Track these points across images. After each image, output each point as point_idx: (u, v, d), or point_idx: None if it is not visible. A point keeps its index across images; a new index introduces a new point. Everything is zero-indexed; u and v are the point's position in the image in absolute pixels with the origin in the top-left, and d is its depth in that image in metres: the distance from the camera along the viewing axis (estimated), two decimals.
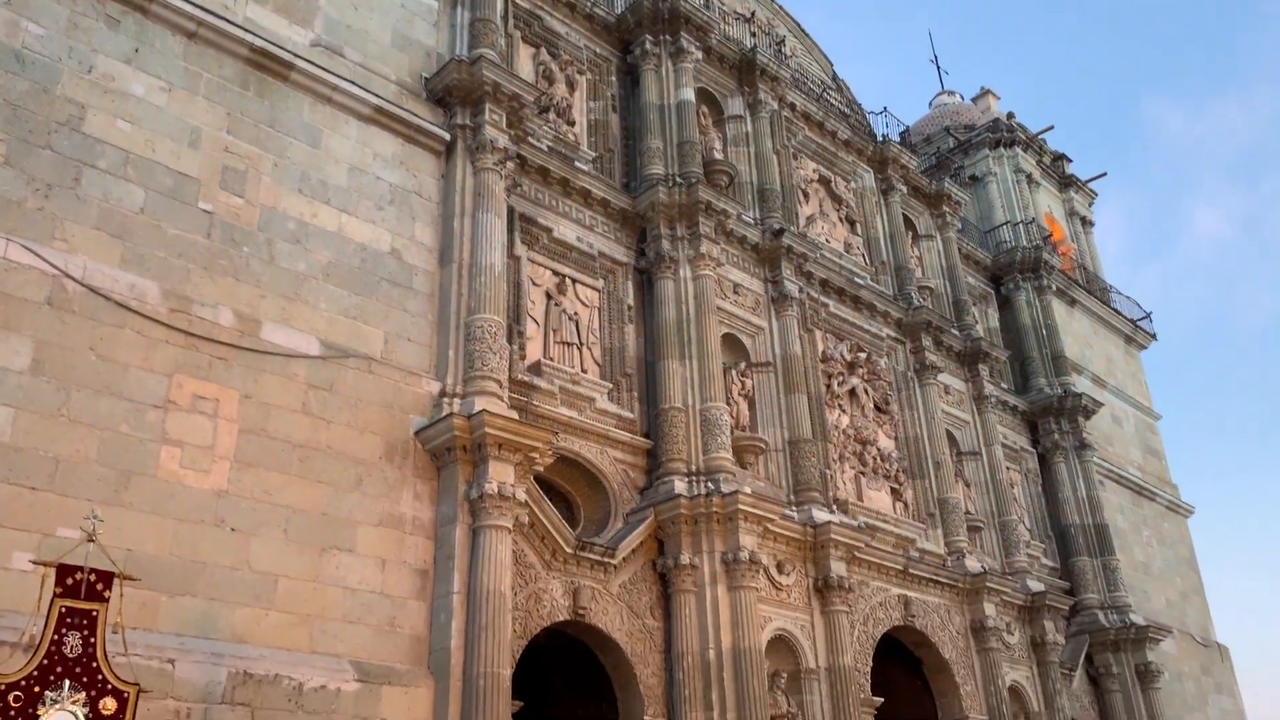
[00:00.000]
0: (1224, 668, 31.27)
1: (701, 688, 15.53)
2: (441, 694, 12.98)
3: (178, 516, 11.76)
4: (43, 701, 8.11)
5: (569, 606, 15.00)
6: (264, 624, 12.07)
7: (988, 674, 20.30)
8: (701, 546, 16.34)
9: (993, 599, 20.93)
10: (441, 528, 13.99)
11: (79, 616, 8.56)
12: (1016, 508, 24.08)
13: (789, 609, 17.32)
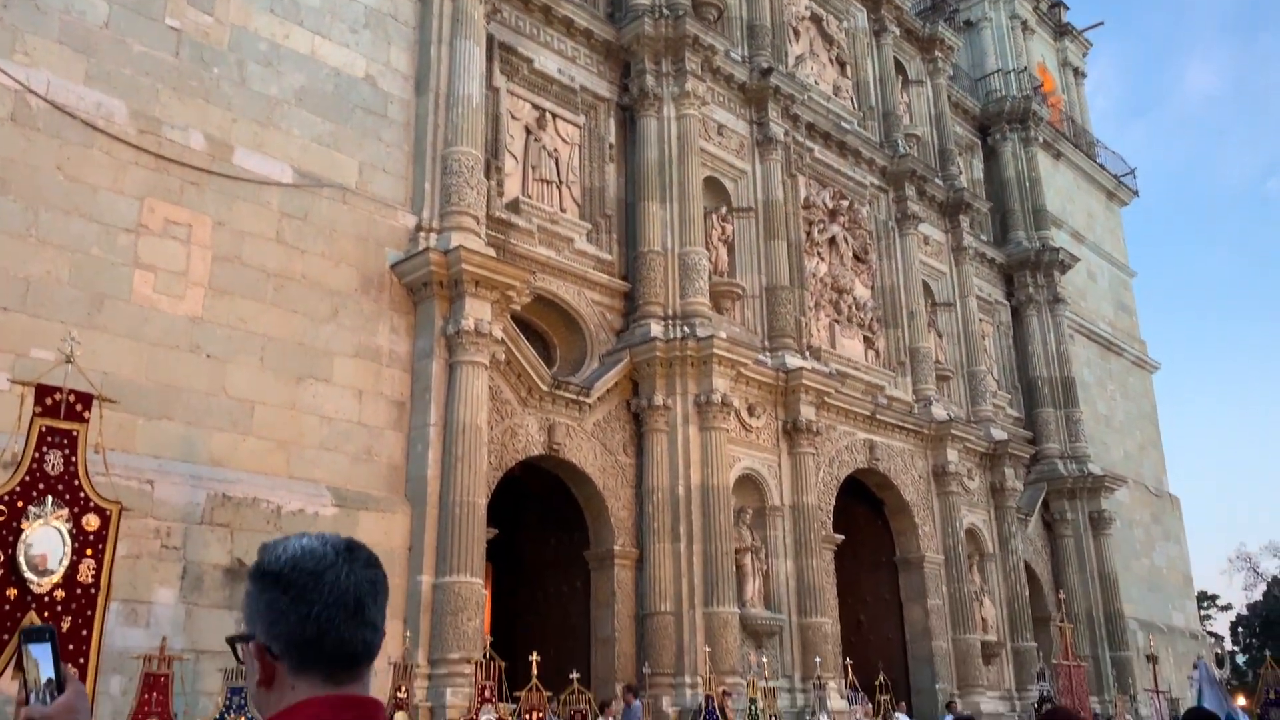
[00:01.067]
0: (1173, 517, 32.55)
1: (670, 521, 16.03)
2: (418, 520, 13.34)
3: (153, 341, 11.75)
4: (26, 516, 8.27)
5: (544, 442, 15.28)
6: (241, 449, 12.26)
7: (946, 516, 21.02)
8: (675, 388, 16.57)
9: (956, 445, 21.49)
10: (418, 362, 14.08)
11: (59, 436, 8.64)
12: (986, 359, 24.46)
13: (758, 450, 17.73)
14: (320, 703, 1.49)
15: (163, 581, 11.17)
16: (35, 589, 8.18)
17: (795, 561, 17.52)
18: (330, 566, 1.56)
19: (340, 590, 1.54)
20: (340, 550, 1.59)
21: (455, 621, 12.84)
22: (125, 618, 10.64)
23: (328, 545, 1.59)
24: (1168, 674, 24.91)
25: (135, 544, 10.89)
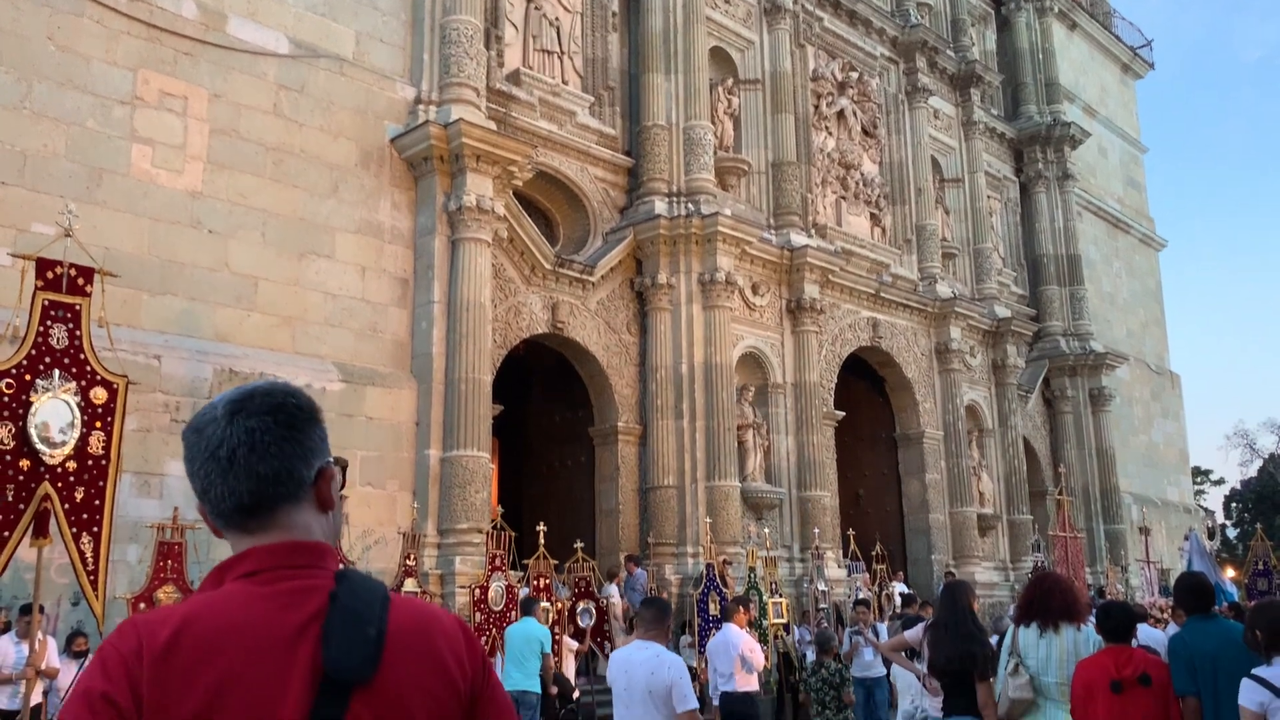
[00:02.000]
0: (1173, 394, 32.80)
1: (673, 398, 16.19)
2: (424, 396, 13.48)
3: (153, 216, 11.68)
4: (34, 389, 8.35)
5: (548, 320, 15.31)
6: (246, 325, 12.31)
7: (947, 393, 21.20)
8: (679, 266, 16.51)
9: (959, 323, 21.51)
10: (420, 238, 14.01)
11: (62, 310, 8.66)
12: (993, 236, 24.28)
13: (761, 328, 17.77)
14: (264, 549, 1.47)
15: (173, 454, 11.35)
16: (48, 460, 8.31)
17: (796, 438, 17.74)
18: (211, 422, 1.50)
19: (214, 444, 1.49)
20: (230, 402, 1.51)
21: (463, 494, 13.10)
22: (138, 489, 10.87)
23: (220, 400, 1.53)
24: (1160, 546, 25.50)
25: (145, 418, 11.05)
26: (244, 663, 1.35)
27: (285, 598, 1.42)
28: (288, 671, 1.35)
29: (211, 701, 1.32)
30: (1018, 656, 5.27)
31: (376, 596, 1.46)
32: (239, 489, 1.47)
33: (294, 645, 1.38)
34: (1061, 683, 5.16)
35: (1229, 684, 5.06)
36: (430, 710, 1.43)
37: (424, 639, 1.47)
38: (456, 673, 1.47)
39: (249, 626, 1.38)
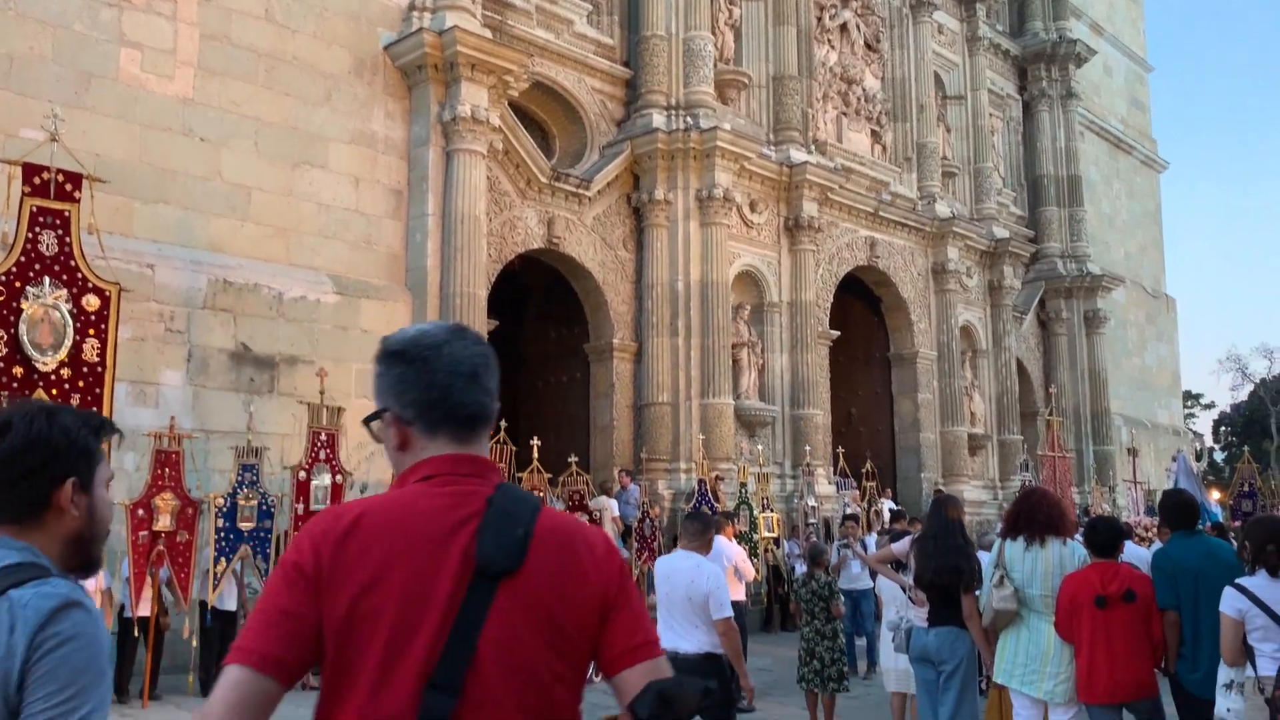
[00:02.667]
0: (1168, 318, 32.85)
1: (669, 316, 16.17)
2: (419, 310, 13.45)
3: (144, 123, 11.50)
4: (25, 296, 8.33)
5: (543, 235, 15.21)
6: (240, 235, 12.21)
7: (942, 313, 21.19)
8: (676, 182, 16.34)
9: (957, 243, 21.41)
10: (415, 149, 13.83)
11: (51, 216, 8.59)
12: (994, 155, 24.03)
13: (758, 246, 17.67)
14: (443, 458, 1.70)
15: (169, 364, 11.37)
16: (40, 367, 8.33)
17: (790, 356, 17.78)
18: (446, 342, 1.74)
19: (457, 360, 1.72)
20: (452, 330, 1.78)
21: None
22: (134, 398, 10.89)
23: (440, 327, 1.78)
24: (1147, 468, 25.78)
25: (139, 327, 11.02)
26: (407, 547, 1.59)
27: (451, 498, 1.65)
28: (443, 559, 1.59)
29: (377, 574, 1.56)
30: (1003, 569, 5.35)
31: (528, 505, 1.68)
32: (478, 399, 1.72)
33: (451, 537, 1.60)
34: (1046, 595, 5.26)
35: (1210, 599, 5.16)
36: (567, 606, 1.62)
37: (566, 545, 1.67)
38: (594, 577, 1.66)
39: (416, 519, 1.62)
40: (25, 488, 1.69)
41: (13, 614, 1.52)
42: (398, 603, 1.55)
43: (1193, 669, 5.12)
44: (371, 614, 1.55)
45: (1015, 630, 5.34)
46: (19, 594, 1.55)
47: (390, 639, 1.54)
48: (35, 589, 1.56)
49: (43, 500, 1.70)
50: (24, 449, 1.69)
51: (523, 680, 1.58)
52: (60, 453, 1.71)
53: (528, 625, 1.59)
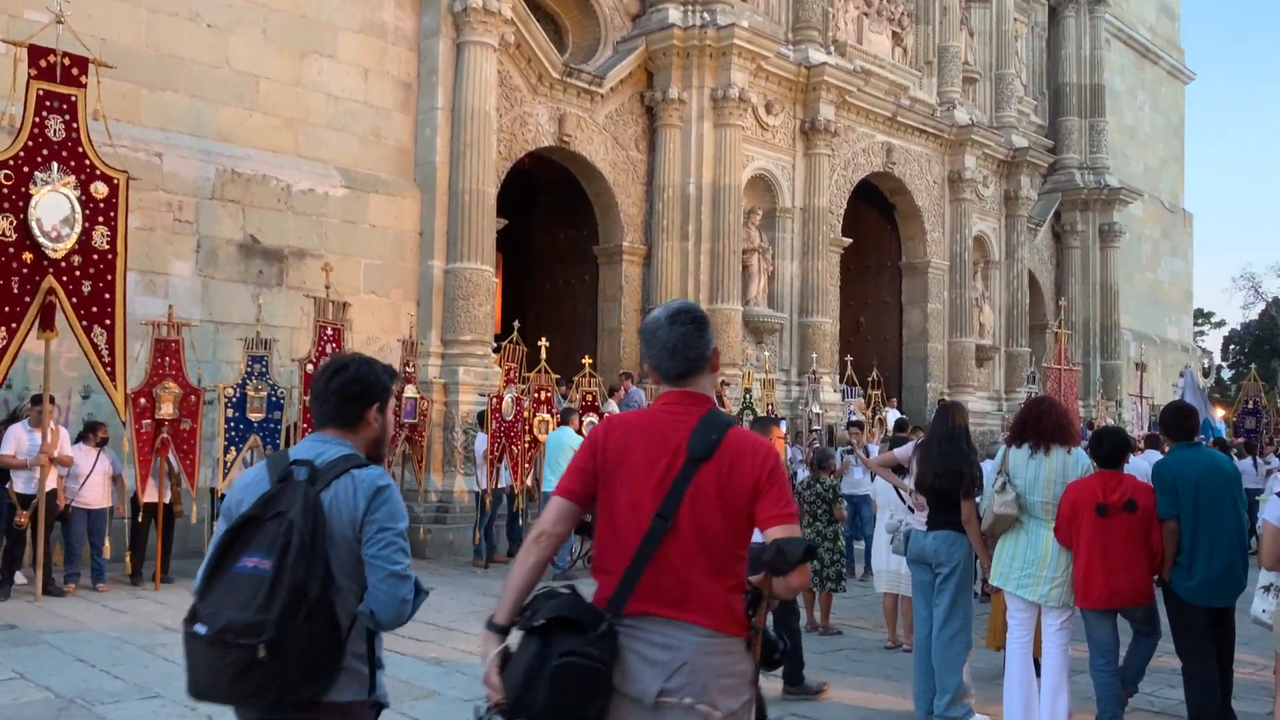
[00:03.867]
0: (1184, 234, 32.50)
1: (679, 219, 16.04)
2: (428, 205, 13.36)
3: (150, 8, 11.28)
4: (33, 181, 8.27)
5: (554, 133, 14.99)
6: (248, 125, 12.07)
7: (956, 223, 20.98)
8: (691, 81, 16.04)
9: (975, 151, 21.08)
10: (424, 40, 13.56)
11: (58, 100, 8.47)
12: (1016, 61, 23.47)
13: (772, 149, 17.42)
14: (672, 393, 2.66)
15: (178, 254, 11.35)
16: (51, 254, 8.32)
17: (801, 263, 17.68)
18: (661, 326, 2.65)
19: (662, 342, 2.65)
20: (669, 315, 2.67)
21: (467, 306, 13.16)
22: (144, 288, 10.91)
23: (664, 311, 2.69)
24: (1154, 383, 25.82)
25: (148, 216, 10.98)
26: (644, 438, 2.59)
27: (676, 416, 2.61)
28: (666, 447, 2.55)
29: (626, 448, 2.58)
30: (1006, 475, 5.39)
31: (722, 422, 2.59)
32: (677, 366, 2.64)
33: (673, 435, 2.56)
34: (1047, 502, 5.31)
35: (1210, 509, 5.22)
36: (732, 483, 2.50)
37: (739, 447, 2.55)
38: (750, 470, 2.52)
39: (653, 423, 2.62)
40: (352, 406, 2.68)
41: (356, 483, 2.55)
42: (632, 471, 2.55)
43: (1187, 577, 5.19)
44: (617, 475, 2.57)
45: (1014, 535, 5.41)
46: (360, 473, 2.57)
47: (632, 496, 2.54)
48: (366, 471, 2.59)
49: (359, 416, 2.69)
50: (354, 380, 2.67)
51: (703, 520, 2.49)
52: (372, 386, 2.70)
53: (711, 490, 2.50)
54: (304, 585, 2.35)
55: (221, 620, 2.34)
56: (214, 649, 2.36)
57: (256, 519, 2.47)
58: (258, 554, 2.40)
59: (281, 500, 2.48)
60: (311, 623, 2.36)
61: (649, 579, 2.46)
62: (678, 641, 2.43)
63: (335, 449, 2.61)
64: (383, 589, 2.47)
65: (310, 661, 2.37)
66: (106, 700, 5.60)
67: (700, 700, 2.40)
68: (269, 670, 2.32)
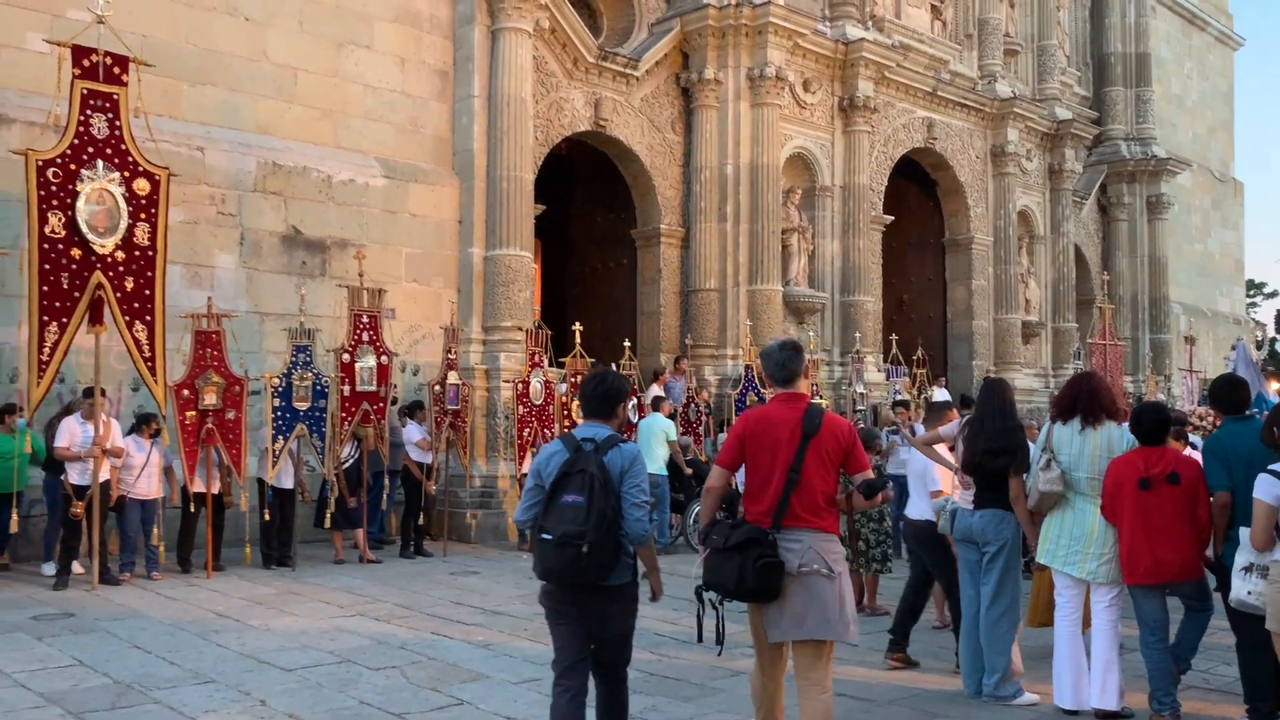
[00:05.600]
0: (1234, 203, 31.79)
1: (718, 200, 15.96)
2: (466, 193, 13.41)
3: (188, 3, 11.41)
4: (79, 179, 8.41)
5: (590, 117, 14.96)
6: (287, 117, 12.18)
7: (1000, 198, 20.68)
8: (727, 61, 15.93)
9: (1018, 124, 20.74)
10: (459, 28, 13.58)
11: (101, 99, 8.59)
12: (1059, 32, 23.02)
13: (811, 128, 17.27)
14: (783, 394, 4.31)
15: (222, 247, 11.50)
16: (98, 250, 8.46)
17: (842, 242, 17.53)
18: (773, 352, 4.35)
19: (772, 362, 4.33)
20: (779, 344, 4.39)
21: (506, 292, 13.22)
22: (189, 281, 11.07)
23: (775, 343, 4.41)
24: (1205, 356, 25.33)
25: (192, 210, 11.13)
26: (769, 425, 4.24)
27: (789, 408, 4.25)
28: (785, 429, 4.18)
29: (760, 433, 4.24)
30: (1051, 452, 5.32)
31: (819, 411, 4.21)
32: (784, 376, 4.31)
33: (788, 421, 4.19)
34: (1093, 478, 5.23)
35: None
36: (830, 449, 4.17)
37: (832, 425, 4.21)
38: (841, 439, 4.22)
39: (774, 415, 4.27)
40: (610, 404, 4.17)
41: (622, 452, 3.99)
42: (768, 445, 4.18)
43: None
44: (759, 448, 4.21)
45: (1060, 512, 5.34)
46: (624, 445, 4.04)
47: (769, 460, 4.18)
48: (628, 445, 4.06)
49: (612, 410, 4.18)
50: (610, 388, 4.18)
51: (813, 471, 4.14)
52: (620, 391, 4.23)
53: (819, 455, 4.16)
54: (604, 510, 3.86)
55: (559, 531, 3.87)
56: (557, 548, 3.88)
57: (568, 474, 3.95)
58: (574, 493, 3.89)
59: (580, 462, 3.95)
60: (609, 532, 3.88)
61: (787, 507, 4.14)
62: (806, 539, 4.14)
63: (604, 431, 4.11)
64: (631, 515, 3.95)
65: (607, 556, 3.89)
66: (163, 685, 5.72)
67: (821, 565, 4.12)
68: (587, 560, 3.84)
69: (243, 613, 7.81)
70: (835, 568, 4.12)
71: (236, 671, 6.06)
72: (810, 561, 4.07)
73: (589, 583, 3.91)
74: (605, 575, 3.92)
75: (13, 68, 10.08)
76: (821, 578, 4.07)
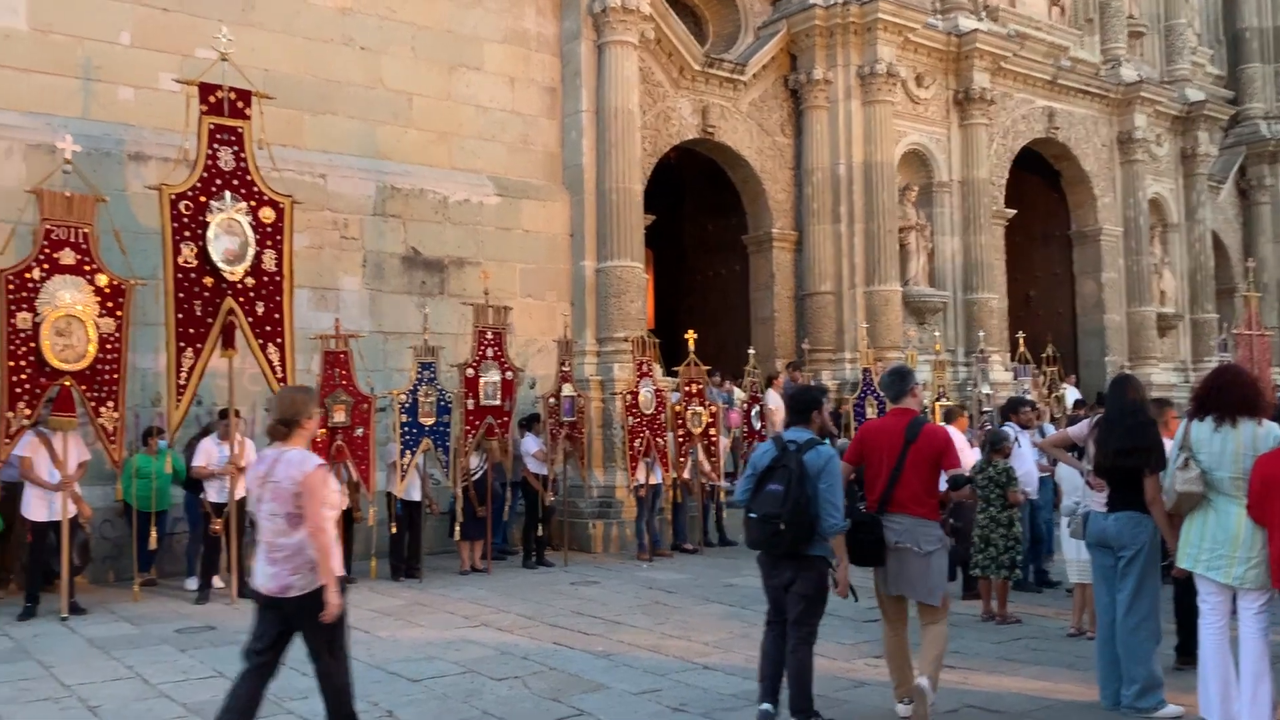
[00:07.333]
0: None
1: (830, 201, 15.74)
2: (577, 207, 13.55)
3: (307, 35, 11.84)
4: (209, 210, 8.80)
5: (698, 125, 14.94)
6: (404, 141, 12.52)
7: (1129, 186, 19.83)
8: (836, 60, 15.72)
9: (1145, 109, 19.86)
10: (566, 44, 13.75)
11: (227, 133, 8.99)
12: (1187, 10, 21.96)
13: (925, 123, 16.88)
14: (895, 410, 5.50)
15: (346, 270, 11.89)
16: (229, 277, 8.84)
17: (962, 238, 17.08)
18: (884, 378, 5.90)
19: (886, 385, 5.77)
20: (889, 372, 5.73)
21: (619, 303, 13.29)
22: (316, 303, 11.47)
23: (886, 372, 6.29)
24: None
25: (316, 235, 11.54)
26: (880, 433, 5.43)
27: (896, 420, 5.42)
28: (893, 436, 5.32)
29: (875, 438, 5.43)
30: (1189, 451, 5.04)
31: (921, 421, 5.36)
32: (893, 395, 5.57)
33: (896, 429, 5.33)
34: (1236, 477, 4.93)
35: None
36: (927, 452, 5.26)
37: (929, 433, 5.32)
38: (935, 444, 5.29)
39: (887, 425, 5.45)
40: (807, 412, 5.25)
41: (819, 453, 5.03)
42: (879, 448, 5.33)
43: None
44: (872, 450, 5.38)
45: (1202, 514, 5.05)
46: (821, 448, 5.04)
47: (879, 460, 5.32)
48: (824, 446, 5.07)
49: (809, 417, 5.23)
50: (808, 398, 5.30)
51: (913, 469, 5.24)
52: (816, 400, 5.35)
53: (916, 457, 5.24)
54: (798, 498, 4.88)
55: (763, 510, 4.98)
56: (760, 524, 4.99)
57: (773, 468, 5.02)
58: (776, 483, 4.95)
59: (784, 458, 5.00)
60: (802, 515, 4.89)
61: (891, 496, 5.24)
62: (905, 522, 5.23)
63: (805, 435, 5.12)
64: (824, 509, 4.92)
65: (801, 532, 4.91)
66: (296, 696, 5.90)
67: (913, 544, 5.20)
68: (784, 535, 4.92)
69: (371, 624, 8.02)
70: (926, 547, 5.22)
71: (365, 682, 6.21)
72: (905, 540, 5.21)
73: (785, 552, 4.99)
74: (799, 547, 4.95)
75: (148, 107, 10.63)
76: (912, 554, 5.21)
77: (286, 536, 4.33)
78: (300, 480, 4.28)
